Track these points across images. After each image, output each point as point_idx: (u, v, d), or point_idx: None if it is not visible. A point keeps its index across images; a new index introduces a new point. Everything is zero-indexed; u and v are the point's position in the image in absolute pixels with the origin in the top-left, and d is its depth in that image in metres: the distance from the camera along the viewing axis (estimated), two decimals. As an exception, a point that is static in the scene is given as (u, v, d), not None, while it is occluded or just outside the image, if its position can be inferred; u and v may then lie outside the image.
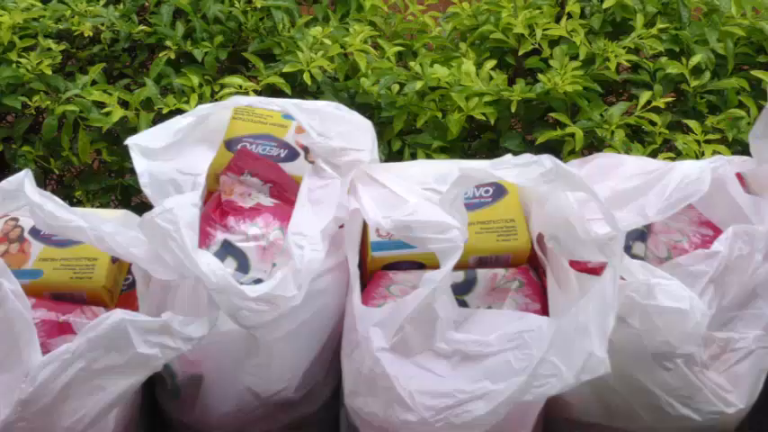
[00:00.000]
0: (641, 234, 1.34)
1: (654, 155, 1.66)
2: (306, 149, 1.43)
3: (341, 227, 1.33)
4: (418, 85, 1.78)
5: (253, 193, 1.39)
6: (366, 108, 1.85)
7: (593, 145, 1.75)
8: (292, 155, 1.44)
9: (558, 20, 1.92)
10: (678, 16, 1.97)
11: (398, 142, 1.76)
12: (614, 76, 1.83)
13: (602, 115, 1.76)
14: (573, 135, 1.70)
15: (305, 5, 2.15)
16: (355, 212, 1.31)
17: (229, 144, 1.44)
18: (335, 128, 1.38)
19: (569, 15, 1.94)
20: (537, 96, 1.80)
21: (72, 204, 1.81)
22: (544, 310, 1.28)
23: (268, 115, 1.48)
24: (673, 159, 1.60)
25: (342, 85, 1.87)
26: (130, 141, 1.28)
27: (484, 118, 1.75)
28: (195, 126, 1.35)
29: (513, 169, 1.20)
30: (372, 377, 1.17)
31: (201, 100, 1.68)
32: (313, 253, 1.22)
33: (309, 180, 1.33)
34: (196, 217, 1.17)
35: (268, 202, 1.38)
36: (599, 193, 1.29)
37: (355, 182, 1.37)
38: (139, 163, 1.26)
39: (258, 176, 1.40)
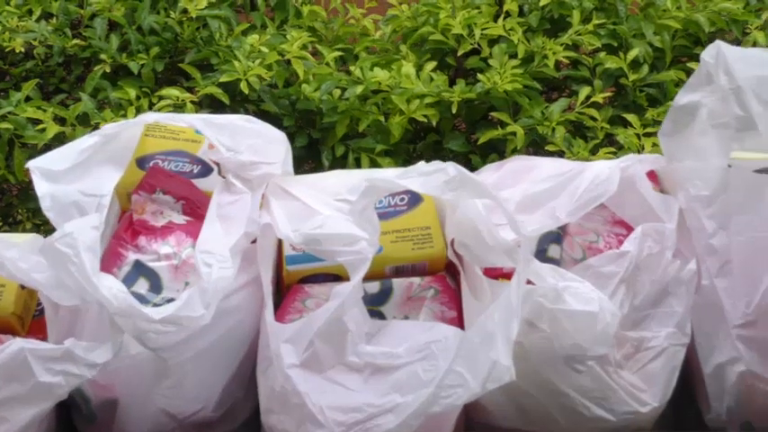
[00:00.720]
0: (557, 236, 1.34)
1: (596, 150, 1.67)
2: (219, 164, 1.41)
3: (253, 242, 1.32)
4: (359, 89, 1.78)
5: (165, 211, 1.37)
6: (308, 114, 1.84)
7: (536, 143, 1.75)
8: (206, 171, 1.42)
9: (496, 19, 1.92)
10: (615, 11, 1.99)
11: (342, 147, 1.75)
12: (553, 73, 1.84)
13: (543, 113, 1.77)
14: (515, 134, 1.70)
15: (243, 13, 2.13)
16: (267, 227, 1.30)
17: (141, 162, 1.41)
18: (246, 141, 1.37)
19: (508, 14, 1.94)
20: (478, 96, 1.80)
21: (11, 224, 1.79)
22: (460, 318, 1.27)
23: (180, 131, 1.46)
24: (614, 154, 1.61)
25: (283, 93, 1.86)
26: (32, 165, 1.26)
27: (426, 120, 1.75)
28: (102, 146, 1.33)
29: (418, 178, 1.19)
30: (284, 394, 1.16)
31: (139, 113, 1.65)
32: (221, 271, 1.20)
33: (219, 196, 1.32)
34: (97, 240, 1.15)
35: (180, 219, 1.37)
36: (510, 198, 1.30)
37: (268, 195, 1.36)
38: (41, 186, 1.24)
39: (170, 194, 1.38)
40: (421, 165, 1.21)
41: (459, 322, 1.26)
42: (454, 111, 1.76)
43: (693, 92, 1.33)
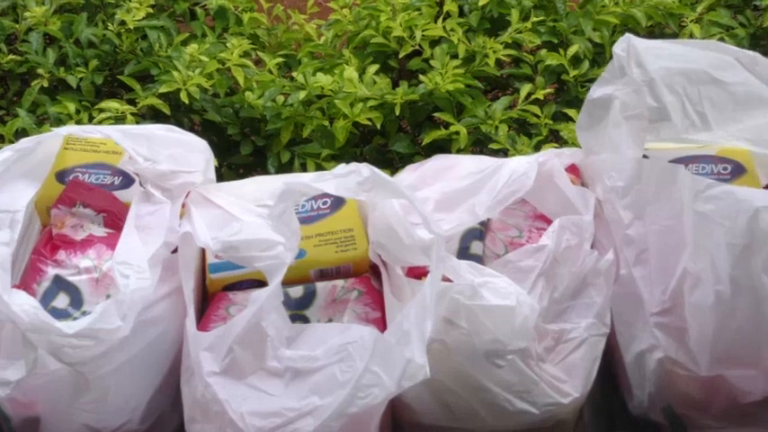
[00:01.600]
0: (479, 233, 1.35)
1: (539, 146, 1.69)
2: (140, 175, 1.41)
3: (174, 251, 1.31)
4: (302, 94, 1.78)
5: (85, 224, 1.36)
6: (252, 122, 1.84)
7: (481, 141, 1.77)
8: (128, 182, 1.41)
9: (437, 20, 1.94)
10: (554, 9, 2.01)
11: (287, 154, 1.75)
12: (494, 71, 1.86)
13: (486, 112, 1.78)
14: (459, 133, 1.71)
15: (183, 23, 2.12)
16: (187, 235, 1.29)
17: (61, 176, 1.40)
18: (165, 151, 1.36)
19: (448, 15, 1.96)
20: (421, 97, 1.81)
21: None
22: (384, 318, 1.28)
23: (101, 143, 1.45)
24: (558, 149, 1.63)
25: (226, 101, 1.85)
26: (-57, 182, 1.24)
27: (370, 123, 1.75)
28: (16, 161, 1.32)
29: (332, 180, 1.19)
30: (205, 403, 1.15)
31: (80, 126, 1.64)
32: (139, 281, 1.20)
33: (137, 206, 1.31)
34: (7, 256, 1.14)
35: (101, 232, 1.35)
36: (429, 196, 1.31)
37: (189, 204, 1.35)
38: (-50, 204, 1.22)
39: (91, 207, 1.37)
40: (339, 167, 1.22)
41: (383, 323, 1.26)
42: (398, 113, 1.77)
43: (607, 85, 1.35)
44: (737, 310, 1.19)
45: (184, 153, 1.39)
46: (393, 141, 1.80)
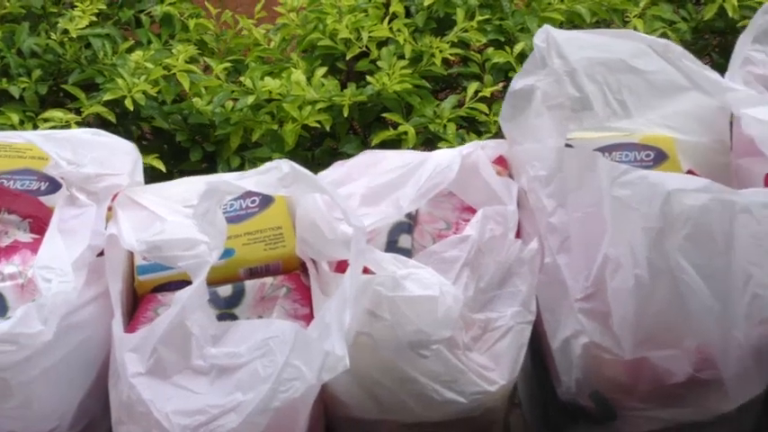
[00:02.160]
0: (407, 227, 1.36)
1: None
2: (68, 180, 1.40)
3: (101, 254, 1.31)
4: (250, 99, 1.78)
5: (10, 230, 1.35)
6: (201, 128, 1.84)
7: (430, 140, 1.78)
8: (54, 187, 1.40)
9: (384, 21, 1.95)
10: (500, 7, 2.03)
11: (237, 159, 1.76)
12: (441, 71, 1.87)
13: (435, 111, 1.80)
14: (408, 133, 1.72)
15: (129, 31, 2.12)
16: (113, 238, 1.29)
17: (-15, 184, 1.39)
18: (90, 154, 1.36)
19: (395, 16, 1.97)
20: (369, 98, 1.82)
21: None
22: (312, 314, 1.28)
23: (27, 149, 1.44)
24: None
25: (175, 108, 1.85)
26: None
27: (319, 125, 1.76)
28: (-61, 170, 1.31)
29: (254, 177, 1.20)
30: (130, 404, 1.15)
31: (24, 138, 1.62)
32: (61, 285, 1.19)
33: (61, 210, 1.30)
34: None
35: (27, 237, 1.34)
36: (355, 191, 1.31)
37: (115, 207, 1.35)
38: None
39: (16, 213, 1.36)
40: (265, 166, 1.22)
41: (312, 319, 1.26)
42: (346, 114, 1.78)
43: (528, 76, 1.37)
44: (656, 292, 1.21)
45: (110, 156, 1.38)
46: (343, 143, 1.81)
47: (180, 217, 1.30)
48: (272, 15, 2.34)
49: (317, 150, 1.84)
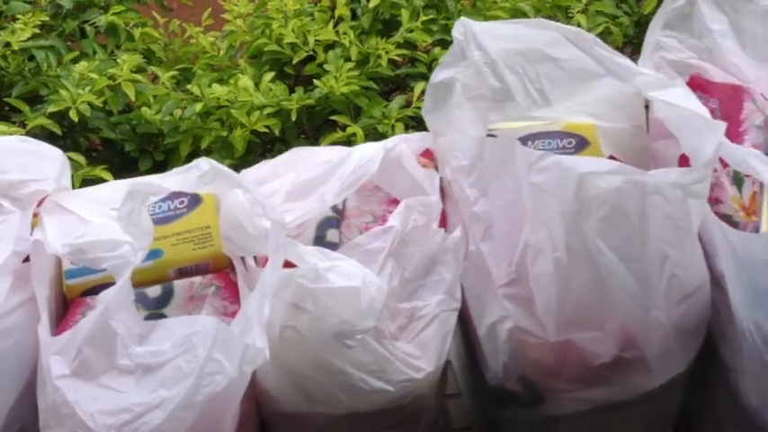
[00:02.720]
0: (335, 221, 1.38)
1: None
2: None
3: (27, 260, 1.31)
4: (198, 106, 1.79)
5: (-66, 240, 1.34)
6: (150, 137, 1.84)
7: (379, 141, 1.78)
8: (-18, 197, 1.40)
9: (330, 24, 1.97)
10: (445, 7, 2.06)
11: None
12: (388, 72, 1.90)
13: (383, 112, 1.82)
14: (356, 135, 1.73)
15: (74, 42, 2.11)
16: (38, 243, 1.29)
17: None
18: (14, 161, 1.36)
19: (341, 19, 1.99)
20: (317, 102, 1.84)
21: None
22: (241, 310, 1.29)
23: (-50, 160, 1.43)
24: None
25: (122, 118, 1.85)
26: None
27: (268, 130, 1.77)
28: None
29: (175, 177, 1.21)
30: (56, 406, 1.15)
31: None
32: (-17, 291, 1.19)
33: (-16, 218, 1.30)
34: None
35: (-48, 247, 1.34)
36: (280, 188, 1.33)
37: (42, 212, 1.34)
38: None
39: (-60, 221, 1.35)
40: (186, 165, 1.23)
41: (241, 315, 1.28)
42: (294, 118, 1.79)
43: (449, 69, 1.39)
44: (576, 275, 1.23)
45: (36, 162, 1.38)
46: (294, 147, 1.82)
47: (106, 220, 1.30)
48: (219, 23, 2.35)
49: (269, 155, 1.85)
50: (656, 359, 1.32)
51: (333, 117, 1.87)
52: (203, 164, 1.19)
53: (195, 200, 1.40)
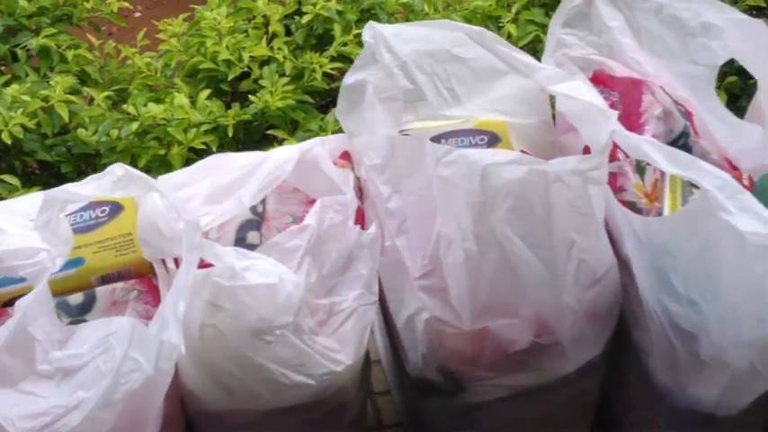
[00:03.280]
0: (256, 224, 1.41)
1: None
2: None
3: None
4: (134, 126, 1.81)
5: None
6: (87, 158, 1.84)
7: None
8: None
9: (265, 40, 2.00)
10: (378, 20, 2.10)
11: None
12: (323, 85, 1.94)
13: (320, 125, 1.85)
14: None
15: (6, 65, 2.11)
16: (-45, 256, 1.30)
17: None
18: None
19: (275, 35, 2.02)
20: (254, 117, 1.87)
21: None
22: (164, 314, 1.31)
23: None
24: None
25: (58, 140, 1.85)
26: None
27: (206, 147, 1.78)
28: None
29: (91, 183, 1.23)
30: (-25, 415, 1.16)
31: None
32: None
33: None
34: None
35: None
36: (198, 192, 1.35)
37: (-40, 226, 1.35)
38: None
39: None
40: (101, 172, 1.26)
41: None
42: (231, 134, 1.82)
43: (360, 71, 1.43)
44: (486, 264, 1.28)
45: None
46: None
47: (23, 230, 1.32)
48: (154, 42, 2.38)
49: (207, 172, 1.87)
50: (571, 343, 1.37)
51: (270, 131, 1.90)
52: (117, 169, 1.21)
53: (116, 208, 1.42)
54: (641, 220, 1.33)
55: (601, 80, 1.48)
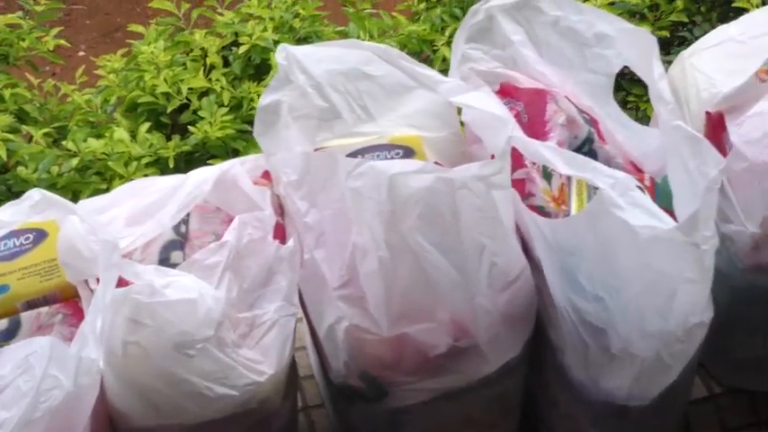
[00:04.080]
0: (179, 244, 1.44)
1: None
2: None
3: None
4: (74, 161, 1.82)
5: None
6: None
7: None
8: None
9: (204, 72, 2.04)
10: None
11: None
12: None
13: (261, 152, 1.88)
14: None
15: None
16: None
17: None
18: None
19: (213, 67, 2.06)
20: (194, 147, 1.90)
21: None
22: (88, 335, 1.33)
23: None
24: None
25: None
26: None
27: None
28: None
29: (8, 208, 1.26)
30: None
31: None
32: None
33: None
34: None
35: None
36: (119, 214, 1.39)
37: None
38: None
39: None
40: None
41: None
42: (172, 165, 1.84)
43: (275, 92, 1.48)
44: (400, 270, 1.32)
45: None
46: None
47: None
48: (94, 79, 2.40)
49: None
50: (489, 345, 1.42)
51: (211, 161, 1.93)
52: (35, 194, 1.25)
53: (41, 235, 1.45)
54: (548, 223, 1.39)
55: (507, 92, 1.55)
